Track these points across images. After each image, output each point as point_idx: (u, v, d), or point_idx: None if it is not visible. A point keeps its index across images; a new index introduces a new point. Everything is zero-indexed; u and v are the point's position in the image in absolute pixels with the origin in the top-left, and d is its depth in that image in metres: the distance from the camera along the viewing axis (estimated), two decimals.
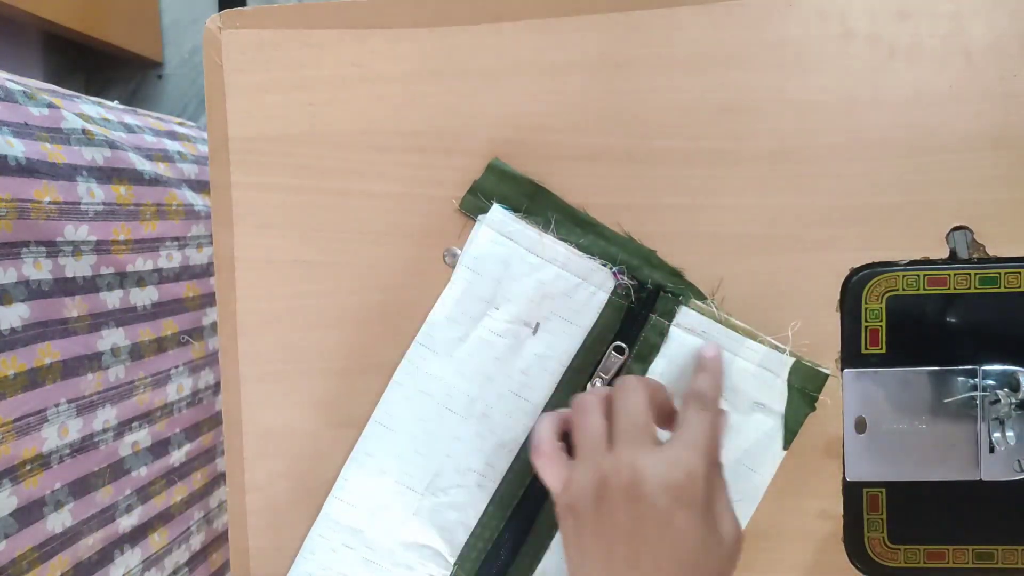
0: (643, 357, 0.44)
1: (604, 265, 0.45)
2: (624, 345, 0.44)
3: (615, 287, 0.45)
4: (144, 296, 0.64)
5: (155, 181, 0.65)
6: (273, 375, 0.49)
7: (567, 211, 0.45)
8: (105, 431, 0.59)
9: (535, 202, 0.45)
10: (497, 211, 0.45)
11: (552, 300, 0.45)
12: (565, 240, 0.45)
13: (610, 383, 0.44)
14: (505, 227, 0.45)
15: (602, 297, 0.45)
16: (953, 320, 0.44)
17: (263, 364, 0.49)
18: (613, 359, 0.44)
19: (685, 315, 0.44)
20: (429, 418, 0.46)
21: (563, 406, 0.44)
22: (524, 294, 0.45)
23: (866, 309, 0.44)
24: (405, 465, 0.46)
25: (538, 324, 0.45)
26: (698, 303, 0.45)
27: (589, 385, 0.45)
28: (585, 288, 0.45)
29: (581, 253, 0.45)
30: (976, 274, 0.43)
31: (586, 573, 0.36)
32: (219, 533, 0.75)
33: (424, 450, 0.46)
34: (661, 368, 0.44)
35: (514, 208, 0.45)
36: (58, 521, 0.53)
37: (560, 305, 0.45)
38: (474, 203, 0.46)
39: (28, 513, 0.51)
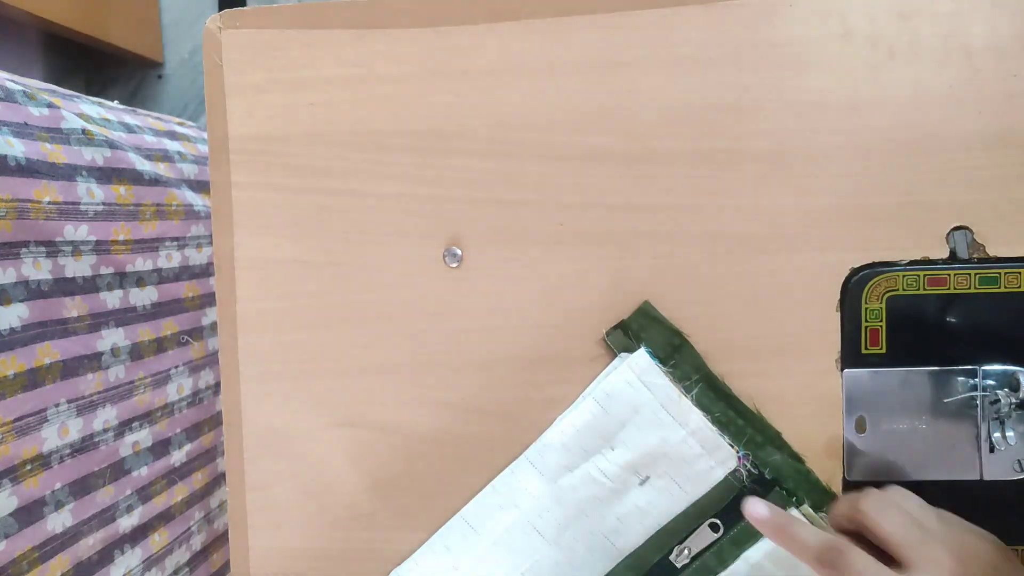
0: (740, 542, 0.44)
1: (731, 445, 0.44)
2: (719, 523, 0.45)
3: (735, 469, 0.44)
4: (144, 296, 0.64)
5: (155, 181, 0.65)
6: (273, 375, 0.49)
7: (707, 375, 0.45)
8: (105, 431, 0.59)
9: (680, 356, 0.45)
10: (643, 357, 0.44)
11: (669, 460, 0.45)
12: (701, 408, 0.44)
13: (696, 557, 0.44)
14: (647, 376, 0.44)
15: (719, 474, 0.45)
16: (953, 320, 0.44)
17: (263, 364, 0.49)
18: (706, 534, 0.45)
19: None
20: (515, 533, 0.46)
21: (647, 561, 0.45)
22: (644, 445, 0.44)
23: (866, 309, 0.44)
24: (479, 568, 0.46)
25: (648, 477, 0.45)
26: (809, 510, 0.44)
27: (676, 550, 0.45)
28: (705, 460, 0.44)
29: (714, 427, 0.44)
30: (976, 274, 0.43)
31: None
32: (220, 533, 0.75)
33: (502, 561, 0.46)
34: (756, 559, 0.44)
35: (659, 356, 0.45)
36: (58, 521, 0.53)
37: (676, 468, 0.45)
38: (621, 339, 0.45)
39: (28, 513, 0.51)
